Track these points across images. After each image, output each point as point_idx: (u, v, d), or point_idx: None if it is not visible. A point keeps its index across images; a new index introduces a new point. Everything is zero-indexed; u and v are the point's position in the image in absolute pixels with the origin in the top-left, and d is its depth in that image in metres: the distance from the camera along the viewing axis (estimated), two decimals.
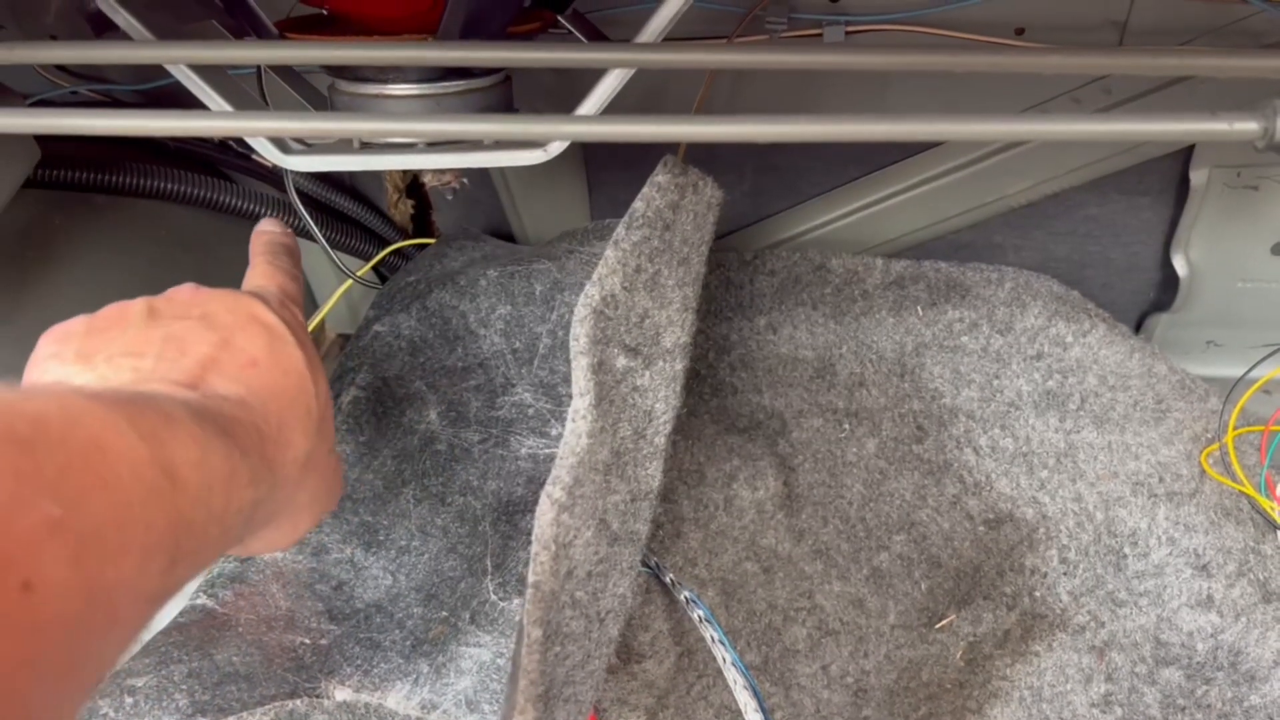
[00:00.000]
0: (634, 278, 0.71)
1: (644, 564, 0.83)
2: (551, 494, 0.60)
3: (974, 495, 0.94)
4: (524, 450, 0.86)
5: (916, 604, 0.86)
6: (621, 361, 0.66)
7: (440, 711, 0.69)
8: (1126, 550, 0.87)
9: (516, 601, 0.75)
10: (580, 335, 0.66)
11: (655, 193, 0.79)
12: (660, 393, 0.70)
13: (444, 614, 0.77)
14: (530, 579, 0.58)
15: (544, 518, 0.60)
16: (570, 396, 0.88)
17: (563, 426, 0.86)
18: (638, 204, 0.75)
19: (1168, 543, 0.87)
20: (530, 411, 0.88)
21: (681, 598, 0.79)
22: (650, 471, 0.68)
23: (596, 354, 0.67)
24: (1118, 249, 1.14)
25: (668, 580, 0.81)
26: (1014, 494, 0.93)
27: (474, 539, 0.82)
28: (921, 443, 0.98)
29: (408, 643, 0.75)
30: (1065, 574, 0.87)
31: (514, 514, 0.82)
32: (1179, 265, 1.10)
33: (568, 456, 0.62)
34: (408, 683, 0.71)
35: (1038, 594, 0.86)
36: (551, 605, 0.58)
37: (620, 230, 0.74)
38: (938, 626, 0.85)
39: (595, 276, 0.70)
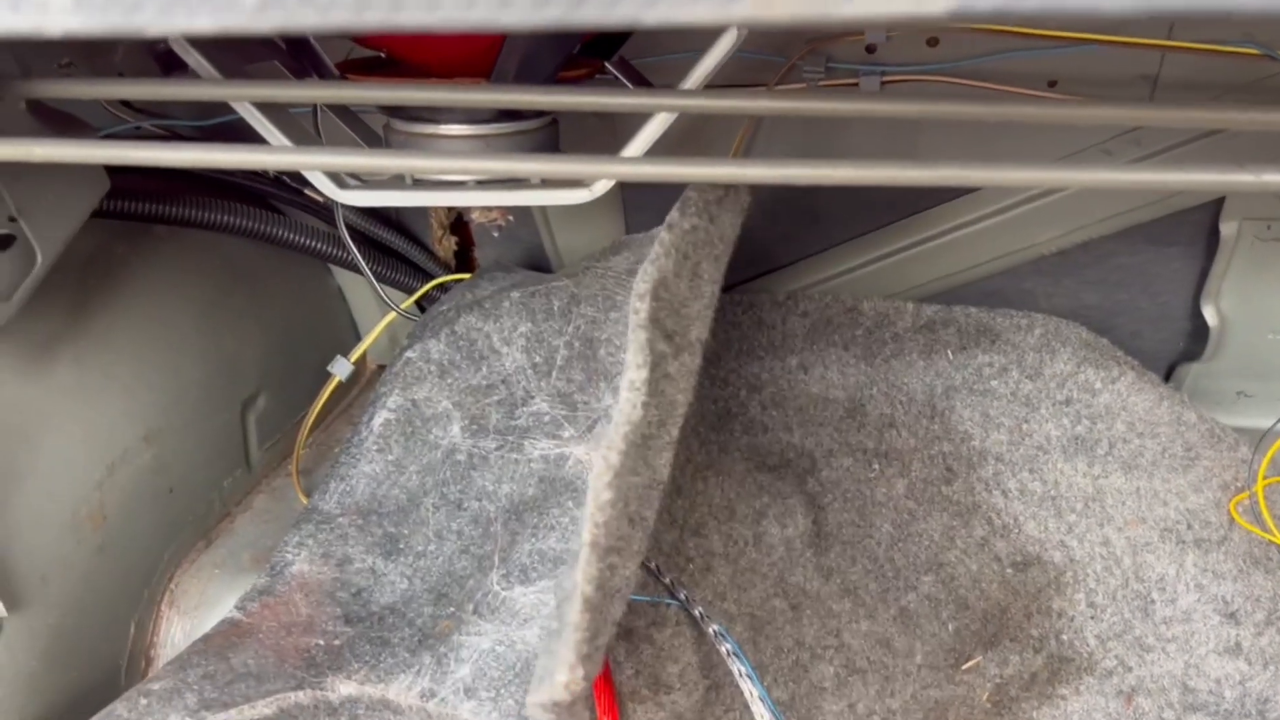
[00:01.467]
0: (681, 264, 0.72)
1: (673, 596, 0.84)
2: (609, 458, 0.59)
3: (1002, 537, 0.94)
4: (536, 453, 0.89)
5: (944, 645, 0.87)
6: (660, 346, 0.67)
7: (438, 699, 0.71)
8: (1154, 596, 0.88)
9: (519, 589, 0.77)
10: (641, 310, 0.65)
11: (706, 184, 0.80)
12: (681, 384, 0.70)
13: (451, 610, 0.79)
14: (587, 538, 0.56)
15: (600, 480, 0.58)
16: (584, 403, 0.91)
17: (575, 429, 0.88)
18: (690, 192, 0.77)
19: (1196, 589, 0.87)
20: (546, 419, 0.91)
21: (710, 631, 0.80)
22: (664, 461, 0.68)
23: (651, 331, 0.66)
24: (1147, 298, 1.15)
25: (697, 613, 0.82)
26: (1042, 537, 0.94)
27: (485, 539, 0.85)
28: (950, 484, 0.99)
29: (415, 639, 0.78)
30: (1093, 618, 0.88)
31: (523, 512, 0.85)
32: (1209, 316, 1.11)
33: (623, 424, 0.61)
34: (410, 674, 0.74)
35: (1065, 637, 0.87)
36: (605, 562, 0.57)
37: (674, 214, 0.75)
38: (965, 667, 0.86)
39: (652, 255, 0.70)
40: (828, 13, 0.27)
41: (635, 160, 0.69)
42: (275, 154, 0.71)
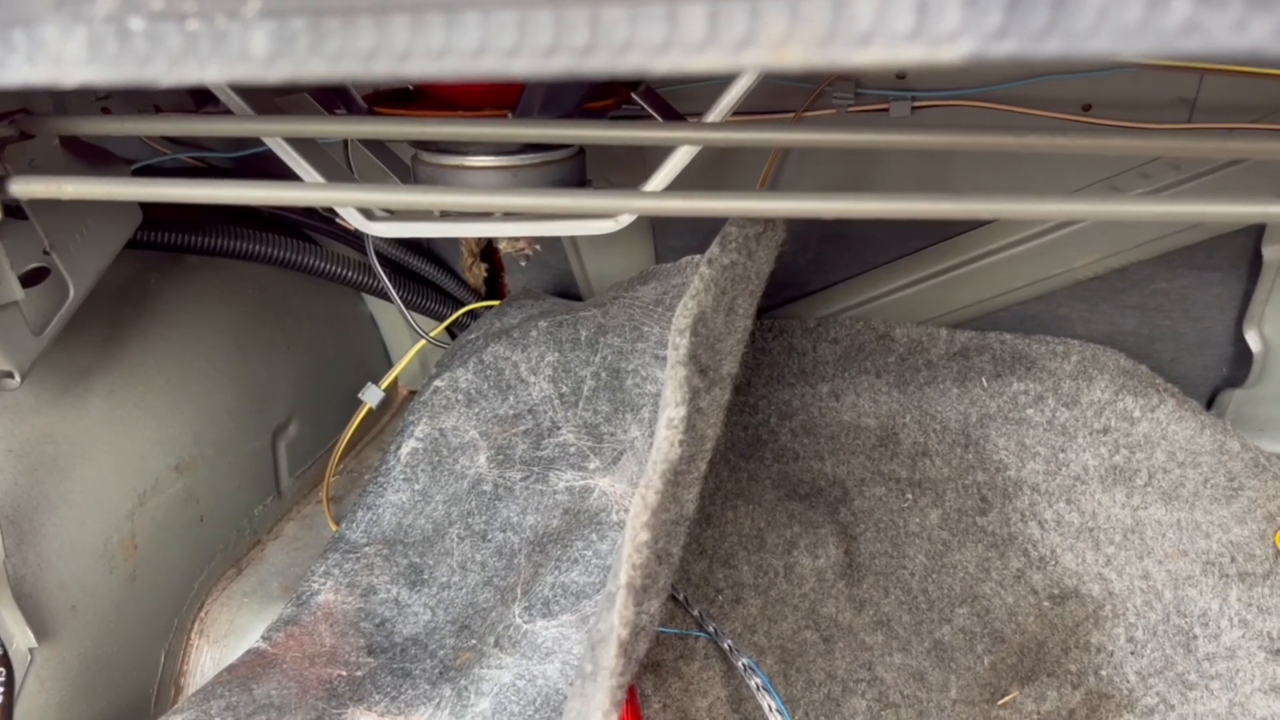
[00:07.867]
0: (719, 299, 0.72)
1: (701, 629, 0.83)
2: (646, 497, 0.59)
3: (1038, 570, 0.92)
4: (562, 484, 0.89)
5: (979, 679, 0.85)
6: (695, 381, 0.66)
7: None
8: (1197, 631, 0.85)
9: (540, 623, 0.77)
10: (681, 345, 0.65)
11: (746, 219, 0.80)
12: (712, 419, 0.70)
13: (473, 642, 0.79)
14: (623, 579, 0.56)
15: (638, 520, 0.58)
16: (610, 435, 0.90)
17: (601, 461, 0.88)
18: (730, 227, 0.76)
19: (1240, 625, 0.85)
20: (572, 450, 0.91)
21: (740, 664, 0.79)
22: (691, 496, 0.67)
23: (690, 367, 0.66)
24: (1188, 323, 1.12)
25: (726, 646, 0.81)
26: (1079, 569, 0.92)
27: (509, 571, 0.85)
28: (985, 515, 0.98)
29: (436, 670, 0.78)
30: (1133, 653, 0.85)
31: (547, 544, 0.85)
32: (1252, 341, 1.08)
33: (660, 463, 0.60)
34: (430, 706, 0.74)
35: (1104, 673, 0.85)
36: (640, 603, 0.56)
37: (715, 249, 0.74)
38: (1000, 703, 0.84)
39: (692, 290, 0.69)
40: (840, 59, 0.26)
41: (659, 195, 0.68)
42: (306, 190, 0.71)
